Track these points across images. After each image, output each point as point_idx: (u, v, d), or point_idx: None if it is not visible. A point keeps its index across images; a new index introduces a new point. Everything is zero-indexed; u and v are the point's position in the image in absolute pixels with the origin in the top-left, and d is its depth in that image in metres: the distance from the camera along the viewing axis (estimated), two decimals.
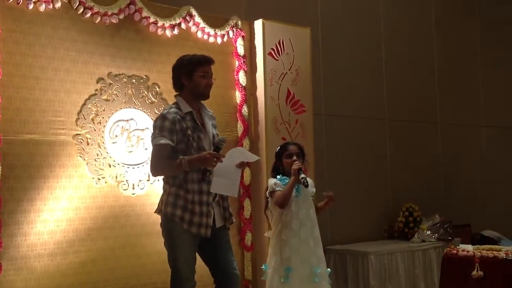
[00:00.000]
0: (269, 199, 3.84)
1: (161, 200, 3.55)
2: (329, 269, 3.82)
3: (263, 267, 3.82)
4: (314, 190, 3.92)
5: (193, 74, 3.58)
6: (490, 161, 8.60)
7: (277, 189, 3.76)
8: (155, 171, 3.56)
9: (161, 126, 3.46)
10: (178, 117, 3.49)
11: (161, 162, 3.46)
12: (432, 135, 7.93)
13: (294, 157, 3.83)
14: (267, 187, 3.85)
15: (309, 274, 3.67)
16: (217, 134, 3.72)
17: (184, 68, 3.61)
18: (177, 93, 3.69)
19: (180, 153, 3.43)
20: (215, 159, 3.35)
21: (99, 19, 4.54)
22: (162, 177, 3.67)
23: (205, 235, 3.44)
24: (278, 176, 3.84)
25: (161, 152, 3.45)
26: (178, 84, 3.65)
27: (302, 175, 3.66)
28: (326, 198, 3.85)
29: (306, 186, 3.67)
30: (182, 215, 3.41)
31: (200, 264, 3.54)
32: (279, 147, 3.97)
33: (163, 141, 3.41)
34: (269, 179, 3.92)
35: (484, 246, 4.93)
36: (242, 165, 3.61)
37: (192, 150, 3.44)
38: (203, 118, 3.64)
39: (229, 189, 3.55)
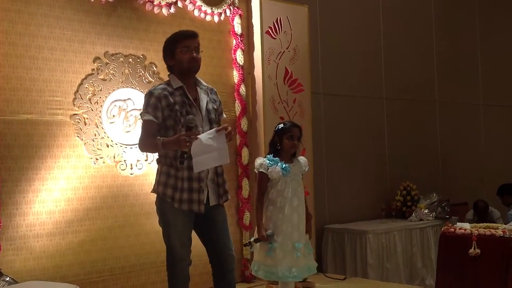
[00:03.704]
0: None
1: (155, 179, 3.55)
2: (309, 244, 4.01)
3: (251, 239, 3.99)
4: (306, 169, 4.04)
5: (174, 51, 3.48)
6: (488, 139, 8.60)
7: (260, 169, 3.89)
8: (140, 146, 3.56)
9: (147, 102, 3.43)
10: (165, 93, 3.41)
11: (144, 139, 3.45)
12: (430, 114, 7.92)
13: (296, 142, 3.94)
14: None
15: (291, 248, 3.84)
16: (215, 109, 3.55)
17: (166, 48, 3.55)
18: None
19: (170, 129, 3.38)
20: (187, 139, 3.20)
21: None
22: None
23: (198, 210, 3.38)
24: (268, 156, 3.95)
25: (145, 128, 3.44)
26: (167, 66, 3.60)
27: None
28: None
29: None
30: (173, 194, 3.38)
31: (198, 243, 3.54)
32: (282, 125, 4.01)
33: (146, 117, 3.40)
34: (258, 158, 4.07)
35: (481, 224, 4.96)
36: (224, 128, 3.33)
37: (180, 126, 3.38)
38: (198, 93, 3.53)
39: (219, 160, 3.36)
